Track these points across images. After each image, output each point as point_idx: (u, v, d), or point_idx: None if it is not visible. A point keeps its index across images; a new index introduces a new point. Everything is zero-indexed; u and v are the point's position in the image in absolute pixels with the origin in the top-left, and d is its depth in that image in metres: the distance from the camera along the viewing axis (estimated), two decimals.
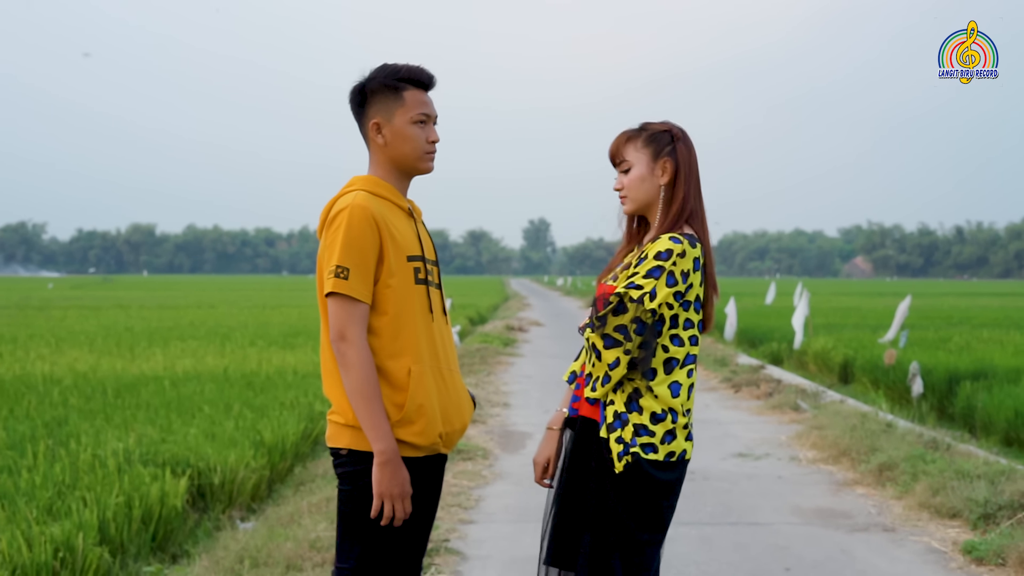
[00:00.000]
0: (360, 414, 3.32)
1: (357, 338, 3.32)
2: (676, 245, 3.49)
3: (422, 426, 3.41)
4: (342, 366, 3.33)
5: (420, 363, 3.43)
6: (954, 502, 7.23)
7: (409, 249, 3.48)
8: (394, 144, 3.52)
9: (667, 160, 3.64)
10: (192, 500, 7.82)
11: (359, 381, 3.31)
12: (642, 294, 3.44)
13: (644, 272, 3.47)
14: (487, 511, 7.54)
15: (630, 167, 3.66)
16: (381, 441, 3.31)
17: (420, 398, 3.40)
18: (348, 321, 3.33)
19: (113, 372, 14.50)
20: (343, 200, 3.43)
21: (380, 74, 3.54)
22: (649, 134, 3.67)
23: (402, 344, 3.41)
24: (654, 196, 3.65)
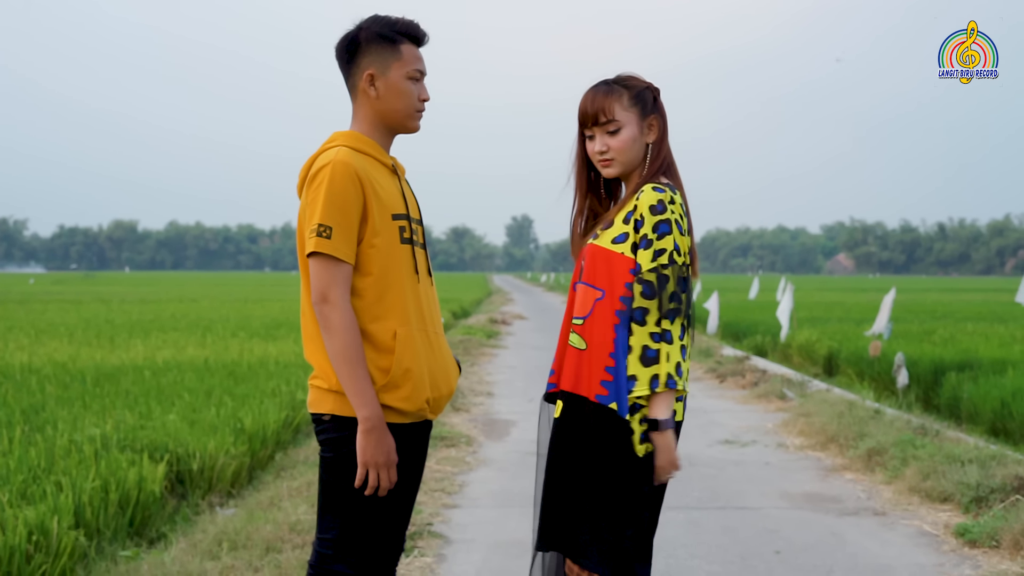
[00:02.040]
0: (344, 379, 3.18)
1: (340, 300, 3.18)
2: (662, 195, 3.38)
3: (408, 391, 3.28)
4: (324, 329, 3.19)
5: (407, 325, 3.30)
6: (945, 486, 7.13)
7: (394, 207, 3.34)
8: (387, 98, 3.37)
9: (654, 117, 3.53)
10: (171, 486, 7.67)
11: (342, 345, 3.17)
12: (669, 253, 3.33)
13: (654, 233, 3.34)
14: (471, 496, 7.42)
15: (619, 127, 3.48)
16: (366, 407, 3.17)
17: (407, 362, 3.27)
18: (331, 282, 3.18)
19: (92, 362, 14.31)
20: (324, 156, 3.28)
21: (375, 24, 3.38)
22: (635, 92, 3.52)
23: (387, 306, 3.27)
24: (640, 157, 3.52)
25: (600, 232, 3.49)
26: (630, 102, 3.49)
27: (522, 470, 8.27)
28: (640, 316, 3.31)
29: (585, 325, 3.41)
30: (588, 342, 3.39)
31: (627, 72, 3.58)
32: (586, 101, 3.53)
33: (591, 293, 3.42)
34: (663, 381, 3.27)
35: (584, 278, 3.47)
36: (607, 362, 3.36)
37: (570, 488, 3.41)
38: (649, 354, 3.29)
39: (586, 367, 3.39)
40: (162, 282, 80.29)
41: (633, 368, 3.30)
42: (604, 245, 3.44)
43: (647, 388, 3.28)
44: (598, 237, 3.48)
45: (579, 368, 3.41)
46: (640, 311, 3.31)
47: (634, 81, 3.55)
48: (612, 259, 3.40)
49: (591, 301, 3.42)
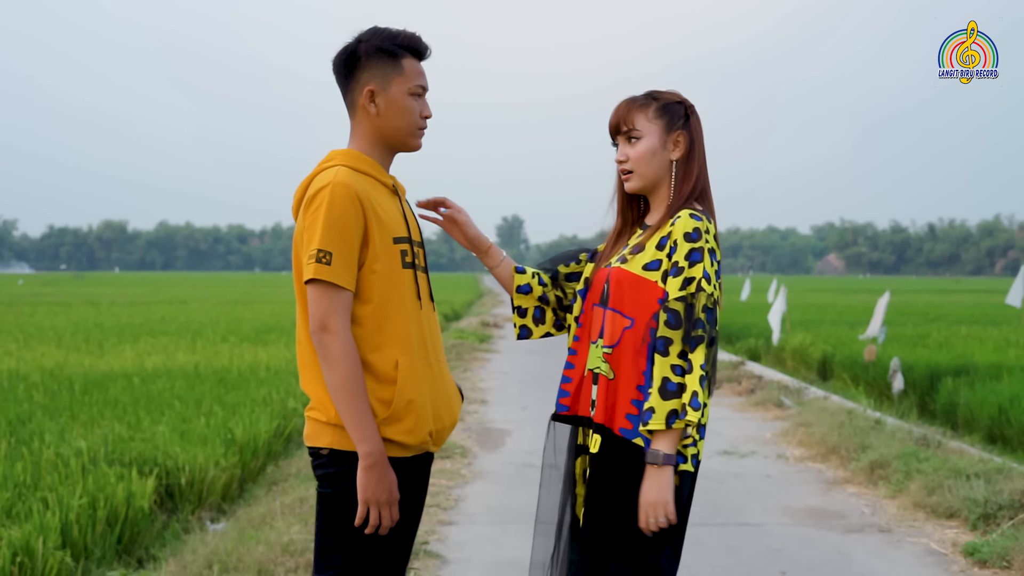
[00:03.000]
0: (344, 412, 3.01)
1: (341, 329, 3.01)
2: (699, 222, 3.20)
3: (411, 423, 3.11)
4: (324, 360, 3.02)
5: (409, 355, 3.13)
6: (951, 502, 6.99)
7: (395, 230, 3.17)
8: (387, 115, 3.20)
9: (681, 133, 3.34)
10: (160, 500, 7.52)
11: (343, 376, 2.99)
12: (698, 281, 3.16)
13: (685, 261, 3.17)
14: (467, 512, 7.27)
15: (640, 137, 3.33)
16: (367, 442, 3.00)
17: (409, 393, 3.10)
18: (331, 310, 3.01)
19: (81, 368, 14.16)
20: (323, 177, 3.09)
21: (376, 37, 3.20)
22: (662, 104, 3.35)
23: (388, 335, 3.11)
24: (664, 172, 3.34)
25: (629, 257, 3.30)
26: (655, 114, 3.34)
27: (518, 483, 8.13)
28: (663, 346, 3.12)
29: (614, 354, 3.23)
30: (616, 372, 3.22)
31: (666, 88, 3.43)
32: (614, 112, 3.39)
33: (619, 321, 3.25)
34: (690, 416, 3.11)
35: (611, 304, 3.28)
36: (634, 394, 3.18)
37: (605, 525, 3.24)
38: (670, 387, 3.10)
39: (613, 398, 3.23)
40: (152, 283, 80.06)
41: (653, 400, 3.10)
42: (634, 271, 3.25)
43: (663, 423, 3.09)
44: (627, 261, 3.29)
45: (607, 399, 3.24)
46: (663, 341, 3.12)
47: (665, 95, 3.39)
48: (642, 286, 3.23)
49: (620, 330, 3.24)
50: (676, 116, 3.35)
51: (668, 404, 3.08)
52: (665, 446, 3.09)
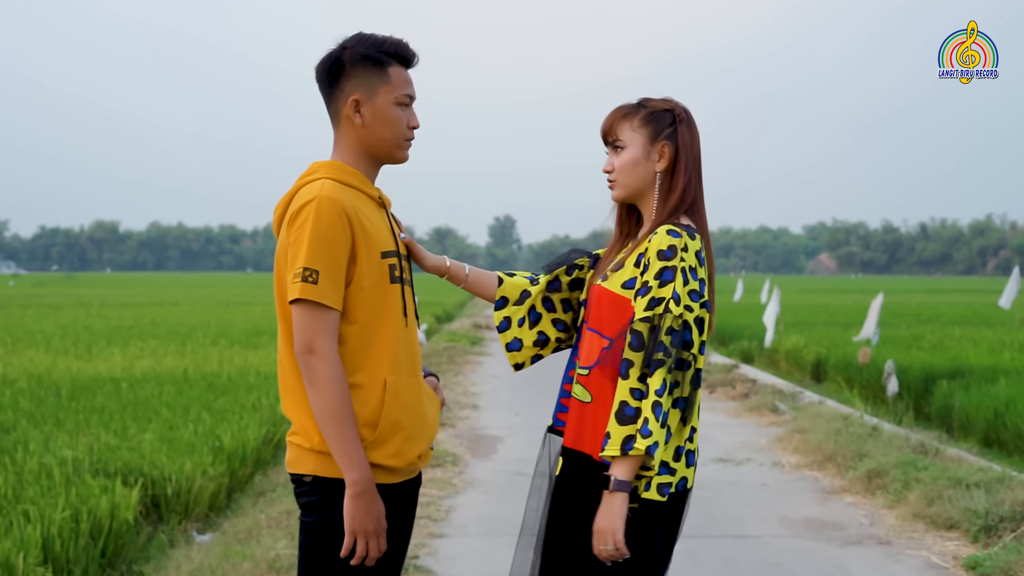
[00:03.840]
0: (330, 438, 2.86)
1: (328, 350, 2.87)
2: (676, 239, 3.05)
3: (398, 445, 2.97)
4: (310, 383, 2.87)
5: (396, 373, 2.99)
6: (951, 512, 6.87)
7: (383, 244, 3.03)
8: (373, 126, 3.06)
9: (665, 144, 3.20)
10: (146, 511, 7.38)
11: (330, 400, 2.85)
12: (666, 302, 3.00)
13: (655, 280, 3.02)
14: (458, 523, 7.14)
15: (623, 147, 3.22)
16: (355, 469, 2.86)
17: (396, 413, 2.96)
18: (317, 331, 2.86)
19: (69, 373, 14.00)
20: (307, 191, 2.95)
21: (361, 44, 3.05)
22: (648, 112, 3.22)
23: (374, 353, 2.97)
24: (648, 183, 3.22)
25: (610, 273, 3.18)
26: (640, 123, 3.21)
27: (510, 492, 8.00)
28: (624, 369, 2.98)
29: (591, 376, 3.10)
30: (593, 395, 3.09)
31: (667, 97, 3.30)
32: (604, 120, 3.29)
33: (597, 341, 3.12)
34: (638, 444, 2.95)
35: (591, 323, 3.16)
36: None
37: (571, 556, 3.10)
38: (627, 411, 2.94)
39: (590, 422, 3.09)
40: (143, 284, 79.86)
41: (610, 425, 2.96)
42: (613, 289, 3.13)
43: (618, 449, 2.92)
44: (607, 279, 3.17)
45: (581, 422, 3.11)
46: (625, 363, 2.98)
47: (654, 102, 3.26)
48: (621, 306, 3.09)
49: (597, 350, 3.11)
50: (662, 125, 3.22)
51: (625, 429, 2.94)
52: (619, 472, 2.95)
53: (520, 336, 3.43)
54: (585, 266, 3.43)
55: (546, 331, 3.43)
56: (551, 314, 3.43)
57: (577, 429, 3.12)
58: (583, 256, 3.44)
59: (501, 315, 3.45)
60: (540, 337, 3.42)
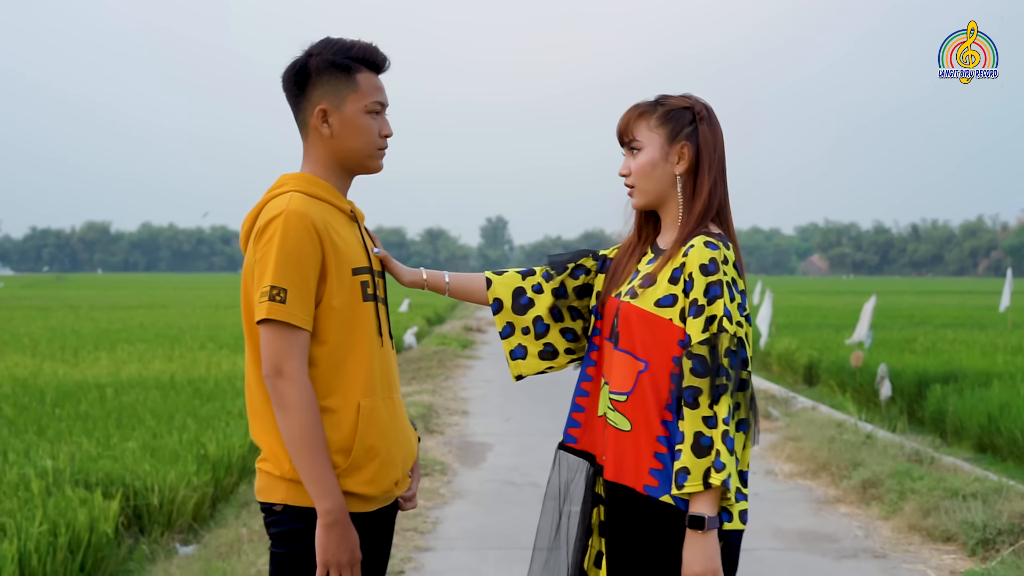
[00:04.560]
0: (301, 465, 2.72)
1: (297, 373, 2.72)
2: (715, 252, 2.85)
3: (373, 472, 2.83)
4: (279, 408, 2.72)
5: (371, 396, 2.85)
6: (948, 525, 6.75)
7: (355, 260, 2.88)
8: (342, 136, 2.90)
9: (685, 144, 2.99)
10: (128, 522, 7.24)
11: (300, 426, 2.70)
12: (719, 320, 2.80)
13: (704, 298, 2.82)
14: (446, 536, 7.00)
15: (640, 148, 3.00)
16: (327, 499, 2.71)
17: (371, 439, 2.82)
18: (286, 353, 2.72)
19: (55, 378, 13.85)
20: (274, 205, 2.81)
21: (328, 50, 2.90)
22: (666, 110, 3.01)
23: (347, 376, 2.82)
24: (668, 187, 3.00)
25: (640, 290, 2.95)
26: (657, 122, 3.00)
27: (499, 503, 7.87)
28: (691, 397, 2.76)
29: (628, 403, 2.89)
30: (632, 422, 2.88)
31: (687, 93, 3.08)
32: (620, 119, 3.07)
33: (632, 364, 2.90)
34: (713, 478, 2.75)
35: (621, 344, 2.94)
36: (656, 447, 2.85)
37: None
38: (704, 442, 2.73)
39: (630, 452, 2.88)
40: (134, 285, 79.59)
41: (685, 459, 2.73)
42: (645, 307, 2.90)
43: (700, 483, 2.71)
44: (636, 296, 2.94)
45: (622, 453, 2.90)
46: (691, 391, 2.76)
47: (672, 100, 3.04)
48: (656, 325, 2.88)
49: (633, 374, 2.89)
50: (681, 124, 3.00)
51: (703, 462, 2.72)
52: (706, 508, 2.73)
53: (525, 344, 3.22)
54: (592, 270, 3.22)
55: (554, 342, 3.21)
56: (559, 323, 3.21)
57: (617, 460, 2.91)
58: (588, 257, 3.24)
59: (503, 320, 3.23)
60: (547, 348, 3.21)
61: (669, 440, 2.84)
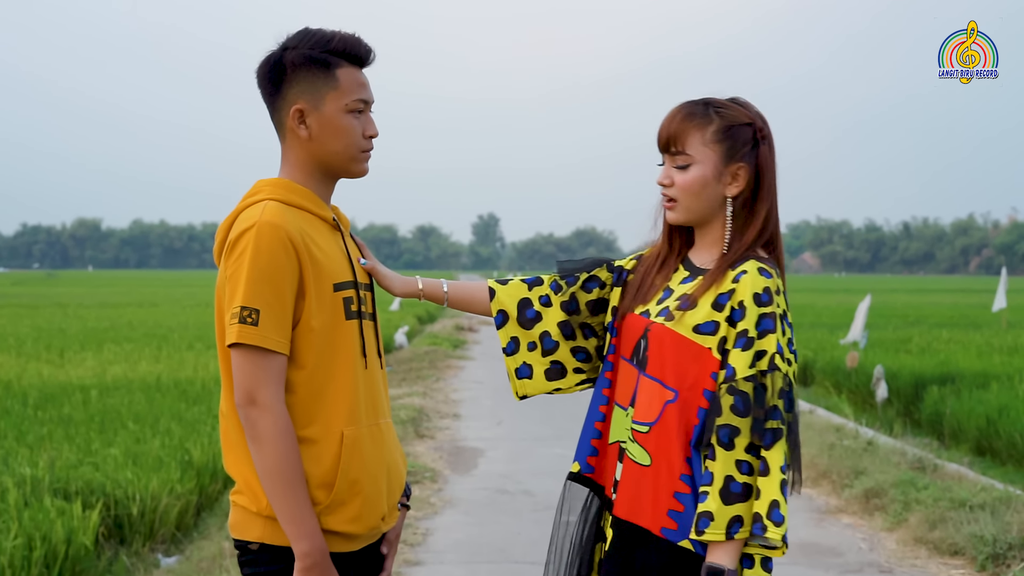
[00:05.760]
0: (277, 503, 2.46)
1: (272, 401, 2.46)
2: (770, 280, 2.61)
3: (357, 509, 2.57)
4: (252, 439, 2.47)
5: (355, 424, 2.58)
6: (955, 537, 6.52)
7: (336, 274, 2.61)
8: (321, 138, 2.62)
9: (742, 167, 2.69)
10: (108, 532, 7.01)
11: (275, 459, 2.45)
12: (771, 357, 2.55)
13: (756, 330, 2.57)
14: (436, 548, 6.77)
15: (690, 163, 2.69)
16: (305, 540, 2.45)
17: (355, 471, 2.56)
18: (260, 379, 2.46)
19: (39, 380, 13.60)
20: (247, 216, 2.55)
21: (305, 43, 2.62)
22: (725, 125, 2.69)
23: (328, 403, 2.55)
24: (715, 207, 2.72)
25: (676, 312, 2.66)
26: (714, 136, 2.69)
27: (491, 513, 7.65)
28: (727, 437, 2.50)
29: (651, 434, 2.63)
30: (653, 457, 2.62)
31: (740, 99, 2.77)
32: (665, 120, 2.76)
33: (660, 393, 2.63)
34: (748, 526, 2.50)
35: (649, 369, 2.67)
36: (677, 486, 2.58)
37: None
38: (734, 488, 2.48)
39: (648, 489, 2.62)
40: (124, 282, 79.24)
41: (712, 504, 2.49)
42: (683, 332, 2.63)
43: (723, 533, 2.48)
44: (672, 319, 2.66)
45: (639, 489, 2.64)
46: (728, 431, 2.50)
47: (732, 111, 2.72)
48: (692, 353, 2.61)
49: (660, 403, 2.63)
50: (740, 143, 2.70)
51: (731, 509, 2.48)
52: (727, 559, 2.49)
53: (531, 362, 2.93)
54: (608, 283, 2.92)
55: (563, 360, 2.92)
56: (570, 341, 2.91)
57: (633, 497, 2.65)
58: (602, 268, 2.93)
59: (507, 335, 2.94)
60: (555, 366, 2.92)
61: (692, 480, 2.58)
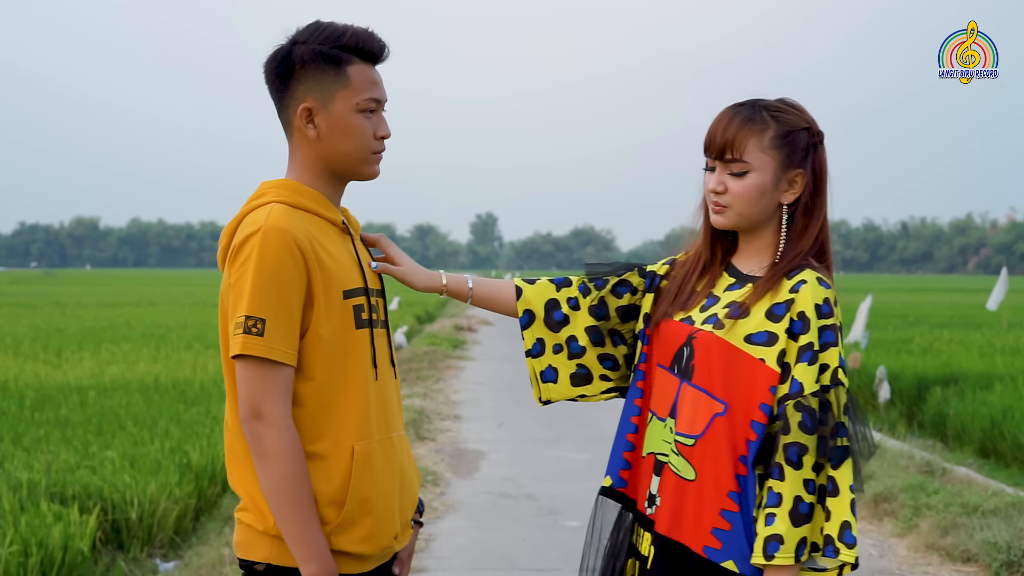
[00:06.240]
0: (284, 523, 2.33)
1: (279, 416, 2.33)
2: (829, 291, 2.50)
3: (369, 528, 2.44)
4: (257, 456, 2.34)
5: (367, 438, 2.45)
6: (968, 544, 6.41)
7: (346, 281, 2.48)
8: (331, 139, 2.49)
9: (799, 174, 2.58)
10: (105, 537, 6.91)
11: (282, 477, 2.33)
12: (834, 371, 2.44)
13: (819, 341, 2.45)
14: (439, 555, 6.65)
15: (747, 170, 2.57)
16: (313, 562, 2.33)
17: (366, 488, 2.43)
18: (266, 392, 2.33)
19: (36, 381, 13.50)
20: (252, 219, 2.42)
21: (315, 38, 2.48)
22: (784, 131, 2.57)
23: (336, 417, 2.42)
24: (769, 215, 2.61)
25: (726, 320, 2.54)
26: (772, 142, 2.57)
27: (494, 518, 7.55)
28: (795, 456, 2.39)
29: (697, 448, 2.51)
30: (699, 471, 2.50)
31: (790, 100, 2.65)
32: (717, 125, 2.62)
33: (708, 404, 2.51)
34: (808, 548, 2.39)
35: (696, 379, 2.55)
36: (725, 503, 2.46)
37: None
38: (802, 510, 2.38)
39: (692, 504, 2.50)
40: (122, 281, 79.14)
41: (780, 526, 2.38)
42: (733, 341, 2.51)
43: (792, 556, 2.37)
44: (722, 327, 2.54)
45: (681, 504, 2.52)
46: (796, 448, 2.40)
47: (791, 115, 2.60)
48: (744, 365, 2.49)
49: (707, 415, 2.51)
50: (798, 148, 2.58)
51: (799, 532, 2.38)
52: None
53: (556, 365, 2.80)
54: (640, 289, 2.79)
55: (589, 365, 2.80)
56: (598, 348, 2.79)
57: (675, 512, 2.53)
58: (633, 272, 2.81)
59: (532, 335, 2.82)
60: (580, 371, 2.79)
61: (741, 498, 2.46)
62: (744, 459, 2.47)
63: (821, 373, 2.44)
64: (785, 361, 2.47)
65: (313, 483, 2.39)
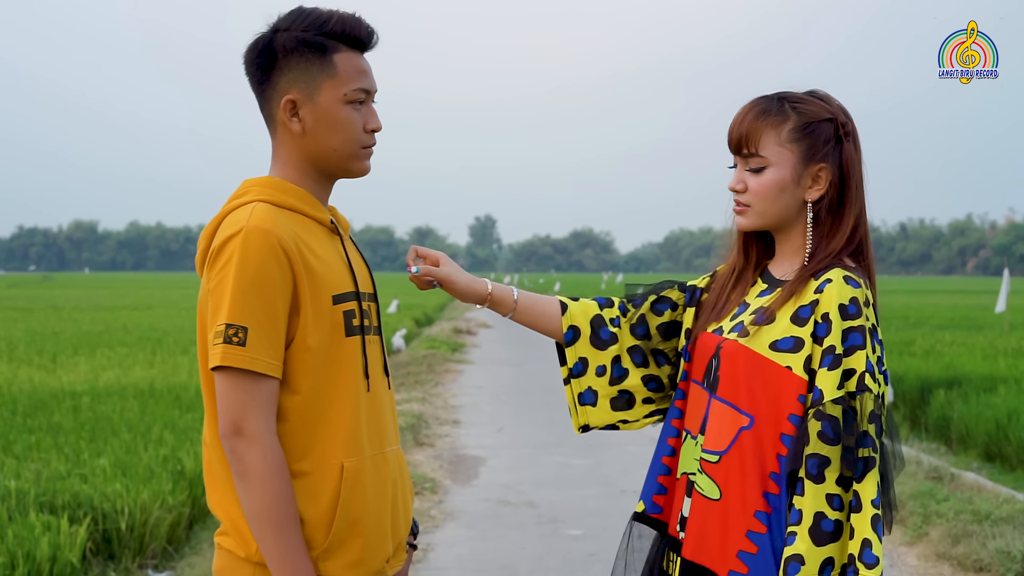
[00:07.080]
0: (266, 547, 2.16)
1: (262, 432, 2.16)
2: (857, 290, 2.31)
3: (359, 551, 2.27)
4: (239, 475, 2.17)
5: (357, 455, 2.27)
6: (980, 553, 6.26)
7: (335, 285, 2.30)
8: (317, 133, 2.31)
9: (823, 168, 2.41)
10: (96, 547, 6.76)
11: (264, 499, 2.15)
12: (860, 376, 2.25)
13: (843, 344, 2.26)
14: (436, 565, 6.50)
15: (765, 166, 2.42)
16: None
17: (356, 509, 2.26)
18: (248, 407, 2.15)
19: (30, 385, 13.34)
20: (233, 220, 2.24)
21: (298, 24, 2.30)
22: (804, 122, 2.41)
23: (324, 432, 2.25)
24: (793, 213, 2.45)
25: (751, 328, 2.38)
26: (791, 135, 2.41)
27: (494, 527, 7.40)
28: (816, 468, 2.22)
29: (721, 464, 2.35)
30: (724, 490, 2.34)
31: (819, 91, 2.48)
32: (736, 119, 2.47)
33: (733, 418, 2.35)
34: (838, 567, 2.22)
35: (721, 391, 2.39)
36: (752, 524, 2.30)
37: None
38: (825, 527, 2.21)
39: (716, 525, 2.34)
40: (120, 284, 78.99)
41: (801, 545, 2.21)
42: (757, 349, 2.35)
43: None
44: (747, 335, 2.38)
45: (706, 526, 2.36)
46: (817, 461, 2.23)
47: (812, 105, 2.43)
48: (770, 373, 2.32)
49: (733, 429, 2.35)
50: (821, 141, 2.41)
51: (823, 551, 2.21)
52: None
53: (596, 388, 2.65)
54: (680, 304, 2.66)
55: (632, 390, 2.65)
56: (641, 370, 2.65)
57: (699, 535, 2.37)
58: (673, 288, 2.68)
59: (575, 354, 2.66)
60: (622, 396, 2.65)
61: (770, 518, 2.29)
62: (776, 476, 2.30)
63: (846, 379, 2.26)
64: (812, 367, 2.31)
65: (299, 504, 2.23)
